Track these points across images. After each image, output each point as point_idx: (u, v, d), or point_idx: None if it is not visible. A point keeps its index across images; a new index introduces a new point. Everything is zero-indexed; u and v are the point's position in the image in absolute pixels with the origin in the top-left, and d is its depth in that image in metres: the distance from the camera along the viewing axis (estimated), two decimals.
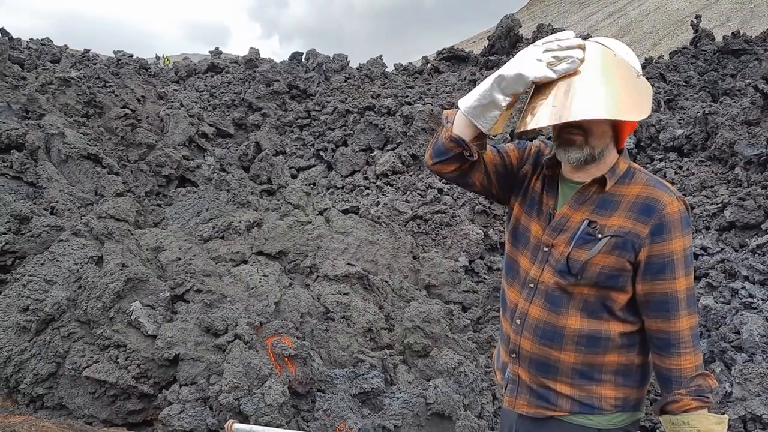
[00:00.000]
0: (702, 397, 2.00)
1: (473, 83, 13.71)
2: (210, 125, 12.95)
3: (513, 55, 2.00)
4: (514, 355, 2.24)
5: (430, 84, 15.29)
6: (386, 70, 16.65)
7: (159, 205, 8.67)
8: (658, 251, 1.97)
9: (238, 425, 2.69)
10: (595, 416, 2.11)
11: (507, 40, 15.52)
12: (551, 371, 2.14)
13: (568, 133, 1.99)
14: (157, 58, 18.56)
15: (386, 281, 7.14)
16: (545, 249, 2.14)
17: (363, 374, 4.99)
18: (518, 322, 2.21)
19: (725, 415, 2.03)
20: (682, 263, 1.98)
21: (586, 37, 2.77)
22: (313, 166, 12.76)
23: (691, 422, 2.00)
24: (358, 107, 13.52)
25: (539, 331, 2.14)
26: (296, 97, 15.16)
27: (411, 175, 11.44)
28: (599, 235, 2.01)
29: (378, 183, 11.47)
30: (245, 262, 6.71)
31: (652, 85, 11.27)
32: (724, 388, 5.39)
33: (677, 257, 1.97)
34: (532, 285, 2.17)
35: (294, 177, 12.33)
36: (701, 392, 2.01)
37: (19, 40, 15.28)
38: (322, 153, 12.78)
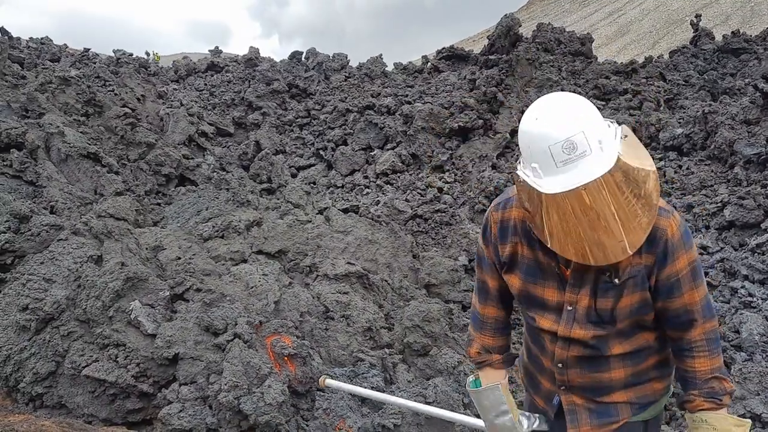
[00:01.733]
0: (714, 399, 2.04)
1: (473, 82, 13.70)
2: (210, 124, 12.94)
3: (512, 55, 2.00)
4: (563, 387, 2.27)
5: (430, 83, 15.27)
6: (386, 69, 16.63)
7: (159, 204, 8.67)
8: (665, 275, 1.99)
9: (330, 380, 2.78)
10: (650, 408, 2.25)
11: (507, 39, 15.50)
12: (605, 390, 2.20)
13: None
14: (147, 54, 18.55)
15: (386, 280, 7.14)
16: (569, 308, 2.12)
17: (363, 373, 4.99)
18: (560, 365, 2.23)
19: (748, 420, 2.05)
20: (689, 278, 2.00)
21: (584, 41, 2.76)
22: (313, 165, 12.74)
23: (709, 420, 2.04)
24: (358, 106, 13.50)
25: (585, 365, 2.19)
26: (296, 96, 15.14)
27: (411, 174, 11.43)
28: (616, 281, 2.01)
29: (378, 182, 11.46)
30: (245, 261, 6.71)
31: (651, 84, 11.23)
32: None
33: (682, 275, 1.99)
34: (565, 340, 2.18)
35: (294, 176, 12.32)
36: (714, 394, 2.05)
37: (18, 39, 15.26)
38: (322, 152, 12.77)
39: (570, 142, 1.79)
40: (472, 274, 8.58)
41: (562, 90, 12.98)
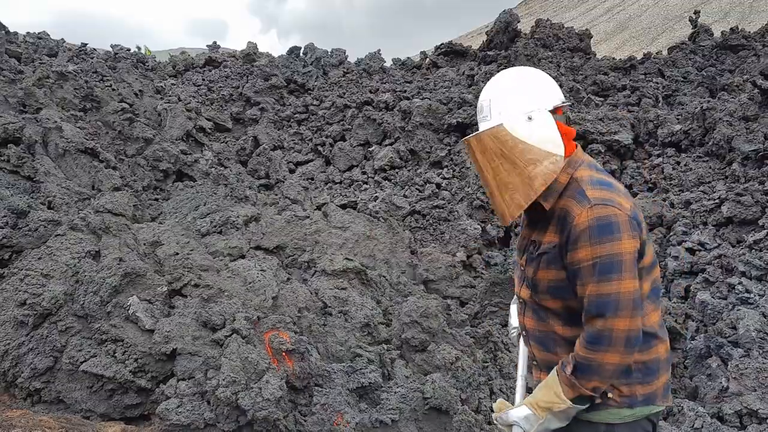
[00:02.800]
0: (562, 368, 2.08)
1: (471, 78, 13.69)
2: (208, 120, 12.92)
3: (511, 51, 2.06)
4: (534, 363, 2.38)
5: (428, 79, 15.25)
6: (384, 64, 16.60)
7: (156, 200, 8.66)
8: (568, 260, 2.04)
9: None
10: (601, 412, 2.11)
11: (505, 35, 15.48)
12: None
13: None
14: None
15: (384, 276, 7.15)
16: (521, 269, 2.33)
17: (360, 369, 5.00)
18: (524, 333, 2.40)
19: (562, 404, 2.04)
20: (589, 271, 1.97)
21: (583, 37, 2.81)
22: (311, 160, 12.73)
23: (547, 380, 2.12)
24: (357, 102, 13.49)
25: (537, 339, 2.29)
26: (294, 92, 15.12)
27: (409, 170, 11.43)
28: (535, 253, 2.16)
29: (376, 178, 11.45)
30: (243, 256, 6.71)
31: (650, 81, 11.22)
32: (721, 383, 5.40)
33: (582, 266, 1.99)
34: (521, 301, 2.36)
35: (292, 172, 12.30)
36: (564, 365, 2.08)
37: (16, 33, 15.20)
38: (320, 148, 12.76)
39: (480, 105, 2.16)
40: (470, 271, 8.59)
41: (561, 86, 12.99)
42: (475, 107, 11.79)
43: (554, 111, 2.12)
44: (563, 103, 2.17)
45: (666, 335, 2.19)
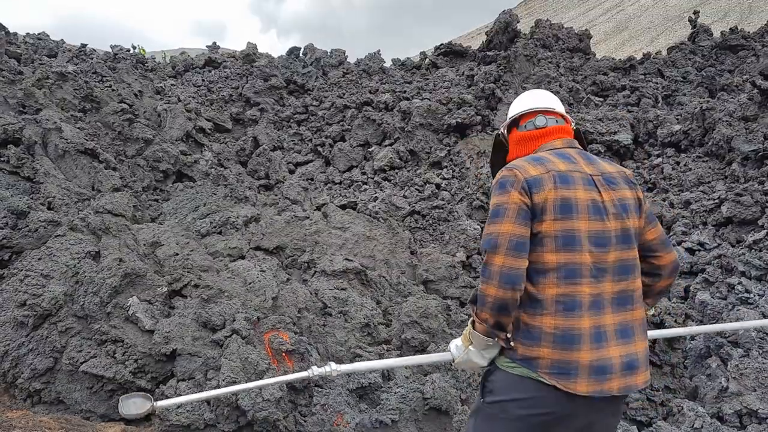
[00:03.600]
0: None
1: (471, 78, 13.68)
2: (207, 120, 12.92)
3: (510, 51, 2.09)
4: None
5: (428, 79, 15.25)
6: (384, 65, 16.60)
7: (156, 200, 8.66)
8: None
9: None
10: (500, 357, 2.39)
11: (505, 36, 15.48)
12: None
13: None
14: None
15: (384, 276, 7.15)
16: None
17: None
18: None
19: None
20: (487, 216, 2.36)
21: (582, 37, 2.90)
22: (311, 161, 12.72)
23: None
24: (356, 102, 13.48)
25: None
26: (294, 92, 15.11)
27: (409, 171, 11.43)
28: None
29: (376, 178, 11.45)
30: (243, 257, 6.71)
31: (650, 81, 11.20)
32: (721, 383, 5.41)
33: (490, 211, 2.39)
34: None
35: (292, 172, 12.29)
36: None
37: (15, 34, 15.20)
38: (319, 148, 12.75)
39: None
40: (469, 271, 8.59)
41: (560, 86, 12.99)
42: (476, 107, 11.82)
43: (518, 122, 2.65)
44: (520, 113, 2.64)
45: (561, 314, 2.21)
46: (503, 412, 2.31)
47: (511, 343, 2.29)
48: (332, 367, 2.72)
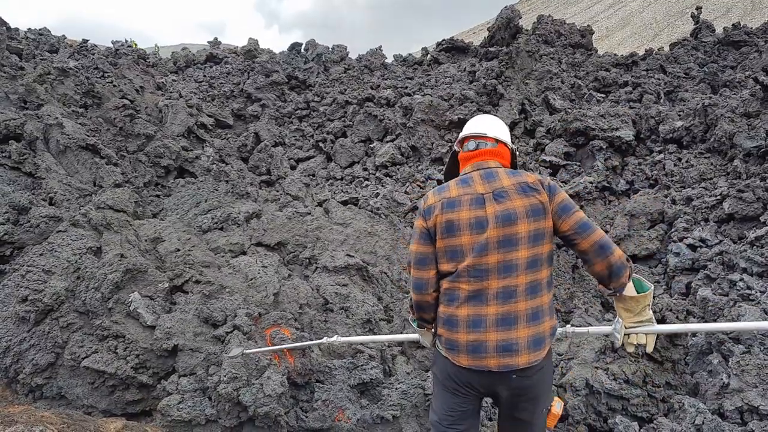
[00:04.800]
0: None
1: (473, 74, 13.66)
2: (209, 116, 12.91)
3: (512, 47, 2.07)
4: None
5: (429, 75, 15.23)
6: (386, 61, 16.59)
7: (158, 196, 8.66)
8: None
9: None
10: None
11: (507, 31, 15.45)
12: None
13: None
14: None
15: (385, 272, 7.15)
16: None
17: (362, 365, 5.00)
18: None
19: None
20: None
21: (585, 33, 2.88)
22: (313, 157, 12.72)
23: None
24: (358, 98, 13.47)
25: None
26: (295, 88, 15.10)
27: (410, 167, 11.42)
28: None
29: (377, 174, 11.45)
30: (244, 253, 6.71)
31: (652, 77, 11.17)
32: (722, 379, 5.40)
33: None
34: None
35: (293, 168, 12.30)
36: None
37: (17, 30, 15.19)
38: (321, 144, 12.75)
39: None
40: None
41: (562, 82, 12.96)
42: (478, 103, 11.81)
43: (462, 142, 3.15)
44: (462, 136, 3.15)
45: (446, 305, 2.86)
46: (435, 376, 3.08)
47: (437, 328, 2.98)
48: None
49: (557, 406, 3.13)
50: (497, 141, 3.05)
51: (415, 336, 3.46)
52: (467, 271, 2.76)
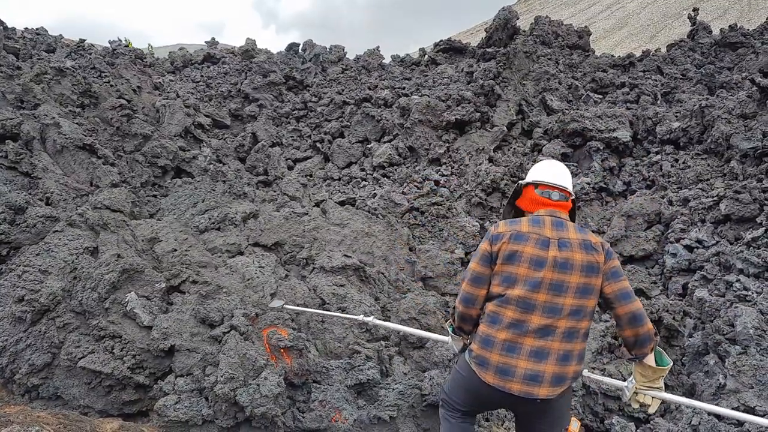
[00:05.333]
0: None
1: (470, 75, 13.67)
2: (206, 116, 12.90)
3: (509, 48, 2.06)
4: None
5: (427, 76, 15.24)
6: (383, 61, 16.59)
7: (155, 196, 8.64)
8: None
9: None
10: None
11: (504, 32, 15.47)
12: None
13: None
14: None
15: (382, 273, 7.15)
16: None
17: (359, 365, 5.00)
18: None
19: None
20: None
21: (582, 34, 2.87)
22: (310, 157, 12.71)
23: None
24: (355, 98, 13.47)
25: None
26: (293, 88, 15.09)
27: (407, 167, 11.42)
28: None
29: (374, 175, 11.44)
30: (241, 253, 6.70)
31: (649, 78, 11.19)
32: (718, 380, 5.42)
33: None
34: None
35: (290, 168, 12.28)
36: None
37: (13, 29, 15.15)
38: (318, 144, 12.73)
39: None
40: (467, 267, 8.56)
41: (560, 83, 12.98)
42: (475, 104, 11.82)
43: (537, 185, 3.39)
44: (545, 182, 3.38)
45: (487, 325, 3.12)
46: (457, 375, 3.37)
47: (472, 341, 3.24)
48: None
49: (574, 425, 3.24)
50: (569, 195, 3.38)
51: (446, 339, 3.80)
52: (516, 300, 3.04)
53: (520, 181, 3.48)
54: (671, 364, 3.12)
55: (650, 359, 3.09)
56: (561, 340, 3.00)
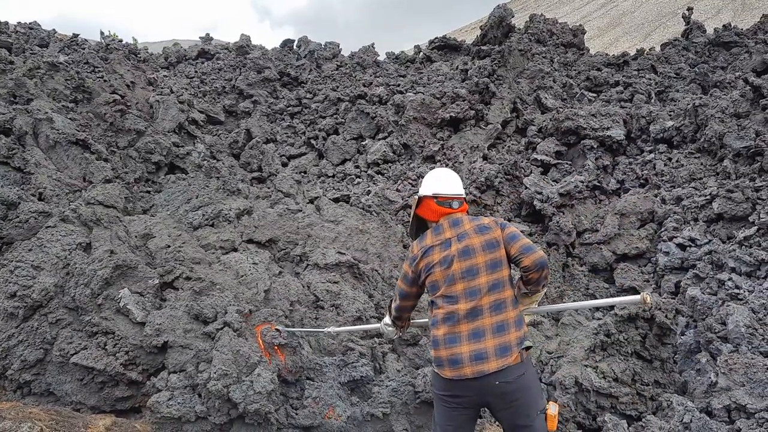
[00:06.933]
0: None
1: (465, 72, 13.68)
2: (200, 112, 12.85)
3: (504, 46, 2.06)
4: None
5: (422, 73, 15.24)
6: (378, 58, 16.57)
7: (148, 192, 8.61)
8: None
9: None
10: None
11: (499, 30, 15.48)
12: None
13: None
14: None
15: (376, 270, 7.15)
16: None
17: (352, 362, 5.00)
18: None
19: None
20: None
21: (576, 32, 2.84)
22: (304, 154, 12.68)
23: None
24: (350, 95, 13.45)
25: None
26: (287, 85, 15.05)
27: (402, 165, 11.41)
28: None
29: (369, 172, 11.43)
30: (235, 249, 6.69)
31: (643, 77, 11.22)
32: (710, 378, 5.44)
33: None
34: None
35: (284, 165, 12.25)
36: None
37: (6, 23, 15.05)
38: (313, 141, 12.72)
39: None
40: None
41: (554, 81, 13.00)
42: (470, 102, 11.83)
43: (437, 197, 3.67)
44: (446, 194, 3.67)
45: (432, 327, 3.46)
46: (433, 392, 3.57)
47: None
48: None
49: (552, 408, 3.30)
50: (464, 199, 3.75)
51: (377, 326, 4.27)
52: (442, 298, 3.41)
53: (419, 194, 3.79)
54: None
55: (539, 295, 3.56)
56: (491, 315, 3.30)
